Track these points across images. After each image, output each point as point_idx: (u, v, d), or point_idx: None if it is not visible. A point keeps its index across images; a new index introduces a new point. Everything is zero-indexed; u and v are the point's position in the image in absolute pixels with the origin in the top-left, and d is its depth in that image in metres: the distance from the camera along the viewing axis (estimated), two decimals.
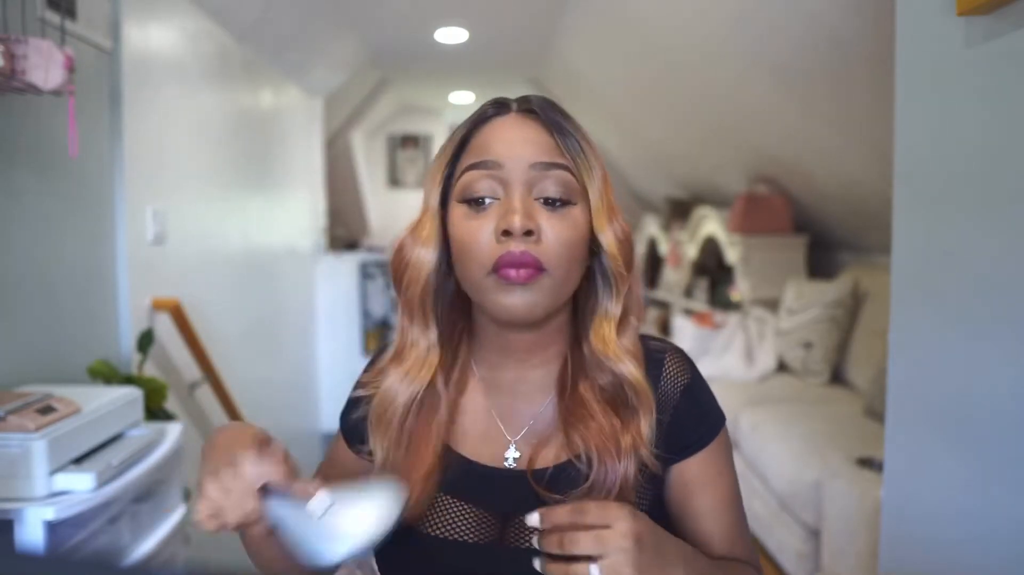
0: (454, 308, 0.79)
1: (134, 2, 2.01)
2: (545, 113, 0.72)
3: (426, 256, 0.73)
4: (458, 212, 0.71)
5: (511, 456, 0.75)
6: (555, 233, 0.68)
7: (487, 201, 0.70)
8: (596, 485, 0.70)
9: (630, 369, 0.73)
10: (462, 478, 0.74)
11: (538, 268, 0.68)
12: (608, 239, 0.71)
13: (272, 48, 3.24)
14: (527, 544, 0.70)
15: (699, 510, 0.75)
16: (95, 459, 1.36)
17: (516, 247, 0.67)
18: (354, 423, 0.81)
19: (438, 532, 0.73)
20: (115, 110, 1.95)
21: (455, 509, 0.73)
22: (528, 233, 0.67)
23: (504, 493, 0.73)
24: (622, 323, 0.75)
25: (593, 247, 0.73)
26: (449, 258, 0.74)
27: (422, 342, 0.76)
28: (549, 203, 0.69)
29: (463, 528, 0.72)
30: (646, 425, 0.73)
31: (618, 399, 0.74)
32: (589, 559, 0.59)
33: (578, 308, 0.78)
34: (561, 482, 0.72)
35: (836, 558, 2.18)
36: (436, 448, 0.74)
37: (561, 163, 0.70)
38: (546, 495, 0.70)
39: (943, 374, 1.06)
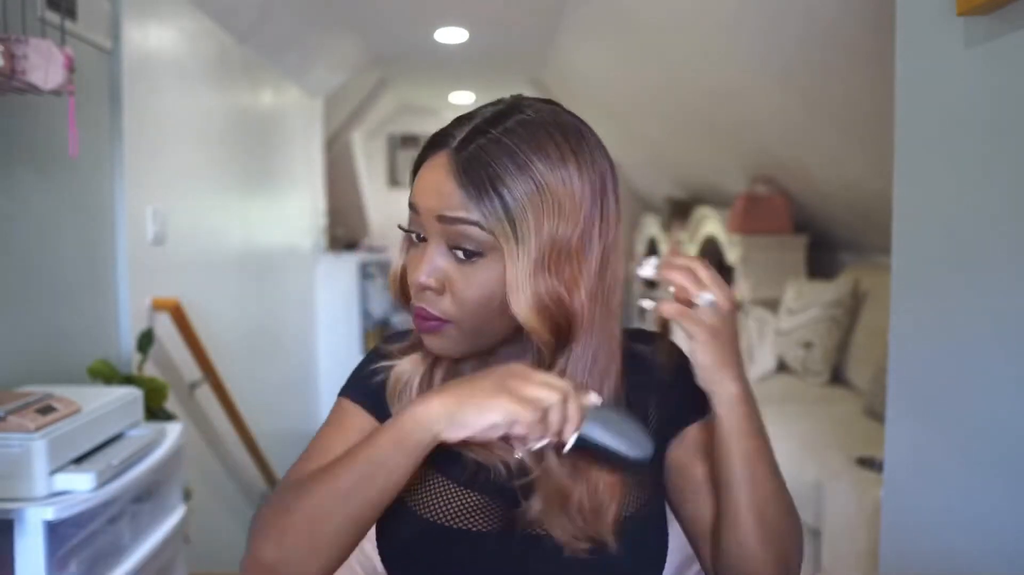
0: None
1: (134, 2, 2.01)
2: (471, 159, 0.66)
3: (396, 266, 0.76)
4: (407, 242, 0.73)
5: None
6: (462, 286, 0.67)
7: (420, 236, 0.70)
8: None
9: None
10: (466, 467, 0.74)
11: (440, 320, 0.69)
12: (521, 307, 0.66)
13: (272, 48, 3.24)
14: (536, 531, 0.71)
15: (696, 483, 0.75)
16: (95, 459, 1.35)
17: (417, 301, 0.69)
18: (375, 387, 0.79)
19: (446, 521, 0.73)
20: (115, 110, 1.95)
21: (462, 497, 0.73)
22: (426, 289, 0.69)
23: (514, 481, 0.72)
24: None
25: None
26: None
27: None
28: (464, 255, 0.67)
29: (471, 517, 0.72)
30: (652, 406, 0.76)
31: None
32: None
33: None
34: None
35: (836, 558, 2.18)
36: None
37: (465, 218, 0.65)
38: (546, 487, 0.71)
39: (943, 374, 1.06)
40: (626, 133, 4.91)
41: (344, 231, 5.50)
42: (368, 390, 0.78)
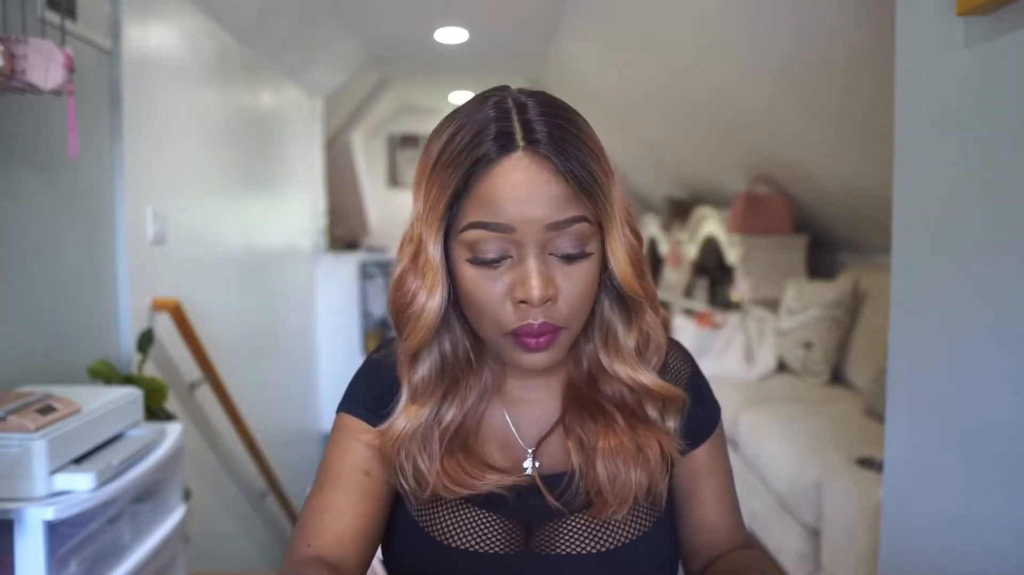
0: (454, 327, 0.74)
1: (134, 2, 2.01)
2: (557, 148, 0.61)
3: (432, 306, 0.67)
4: (468, 267, 0.65)
5: (529, 466, 0.74)
6: (572, 289, 0.64)
7: (500, 259, 0.64)
8: (605, 493, 0.70)
9: (650, 378, 0.72)
10: (485, 480, 0.72)
11: (557, 330, 0.65)
12: (619, 263, 0.66)
13: (272, 48, 3.24)
14: (553, 552, 0.70)
15: (706, 499, 0.77)
16: (95, 459, 1.36)
17: (534, 318, 0.64)
18: (374, 397, 0.76)
19: (462, 544, 0.71)
20: (115, 110, 1.95)
21: (479, 520, 0.72)
22: (546, 301, 0.64)
23: (526, 502, 0.72)
24: (639, 328, 0.72)
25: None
26: (451, 295, 0.69)
27: (419, 375, 0.73)
28: (566, 258, 0.63)
29: (488, 539, 0.71)
30: (673, 423, 0.74)
31: (637, 409, 0.73)
32: None
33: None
34: (575, 488, 0.72)
35: (836, 558, 2.18)
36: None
37: (579, 216, 0.62)
38: (554, 503, 0.70)
39: (943, 374, 1.06)
40: (626, 133, 4.90)
41: (344, 231, 5.50)
42: (367, 402, 0.77)
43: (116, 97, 1.95)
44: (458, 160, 0.62)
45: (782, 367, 3.48)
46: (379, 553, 0.81)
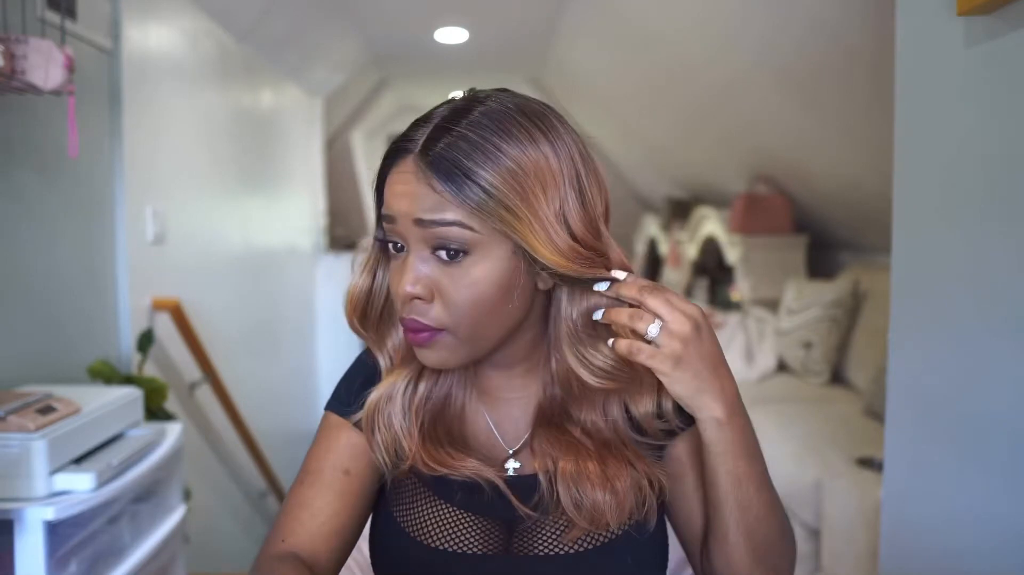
0: None
1: (134, 2, 2.01)
2: (445, 156, 0.63)
3: (356, 286, 0.74)
4: (386, 256, 0.72)
5: (511, 467, 0.74)
6: (451, 290, 0.65)
7: (399, 250, 0.68)
8: (572, 516, 0.70)
9: (620, 411, 0.73)
10: (465, 489, 0.72)
11: (433, 330, 0.66)
12: (548, 253, 0.64)
13: (272, 48, 3.24)
14: (532, 552, 0.71)
15: (687, 491, 0.75)
16: (95, 459, 1.35)
17: (407, 314, 0.67)
18: (362, 398, 0.77)
19: (443, 545, 0.71)
20: (115, 110, 1.95)
21: (459, 520, 0.72)
22: (414, 298, 0.66)
23: (507, 502, 0.71)
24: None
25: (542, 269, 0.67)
26: None
27: (391, 343, 0.77)
28: (445, 259, 0.65)
29: (469, 540, 0.72)
30: (649, 404, 0.72)
31: (611, 435, 0.73)
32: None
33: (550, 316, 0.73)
34: (554, 490, 0.71)
35: (836, 558, 2.18)
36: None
37: (446, 219, 0.63)
38: (523, 509, 0.71)
39: (943, 374, 1.06)
40: (626, 133, 4.91)
41: (344, 231, 5.50)
42: (350, 400, 0.78)
43: (116, 97, 1.95)
44: (384, 160, 0.69)
45: (782, 367, 3.48)
46: (355, 552, 0.82)
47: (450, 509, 0.73)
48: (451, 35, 3.75)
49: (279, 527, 0.72)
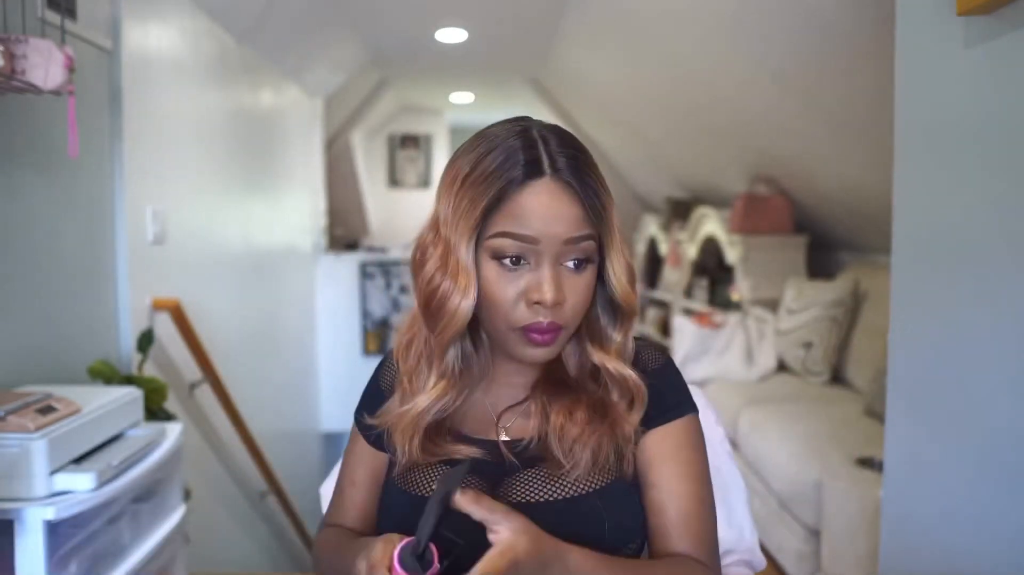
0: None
1: (134, 2, 2.01)
2: (575, 178, 0.74)
3: (466, 306, 0.76)
4: (490, 268, 0.75)
5: (502, 436, 0.83)
6: (575, 294, 0.75)
7: (519, 264, 0.74)
8: (557, 452, 0.77)
9: (630, 374, 0.80)
10: (458, 450, 0.81)
11: (559, 329, 0.76)
12: (618, 278, 0.78)
13: (272, 48, 3.24)
14: (512, 499, 0.77)
15: (655, 481, 0.79)
16: (95, 459, 1.35)
17: (544, 318, 0.74)
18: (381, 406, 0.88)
19: (431, 492, 0.78)
20: (115, 110, 1.95)
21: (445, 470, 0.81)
22: (556, 304, 0.74)
23: (493, 465, 0.79)
24: (624, 331, 0.82)
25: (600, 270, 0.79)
26: None
27: (449, 359, 0.82)
28: (574, 269, 0.75)
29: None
30: (637, 417, 0.79)
31: (604, 393, 0.81)
32: None
33: None
34: (536, 447, 0.79)
35: (836, 558, 2.18)
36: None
37: (589, 234, 0.75)
38: (510, 457, 0.79)
39: (943, 374, 1.06)
40: (626, 133, 4.91)
41: (344, 231, 5.50)
42: (372, 411, 0.87)
43: (116, 97, 1.95)
44: (491, 178, 0.73)
45: (782, 367, 3.48)
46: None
47: (441, 467, 0.81)
48: (451, 35, 3.75)
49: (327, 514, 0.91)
